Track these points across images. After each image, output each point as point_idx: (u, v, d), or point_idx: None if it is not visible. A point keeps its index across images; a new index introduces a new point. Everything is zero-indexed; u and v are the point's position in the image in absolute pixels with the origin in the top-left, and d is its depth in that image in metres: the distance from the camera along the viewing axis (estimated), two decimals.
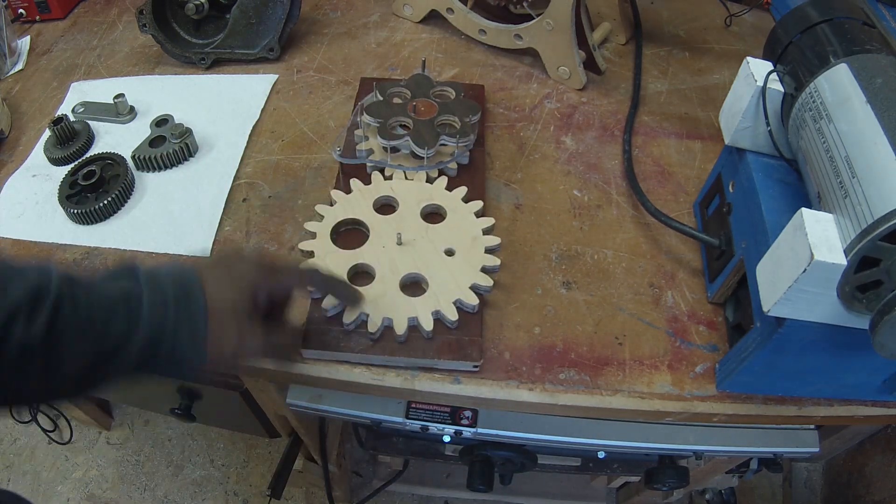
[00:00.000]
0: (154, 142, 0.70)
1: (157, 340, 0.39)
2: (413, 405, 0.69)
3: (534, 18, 0.77)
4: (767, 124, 0.50)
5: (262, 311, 0.45)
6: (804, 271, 0.38)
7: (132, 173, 0.68)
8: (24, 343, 0.35)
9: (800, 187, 0.50)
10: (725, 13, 0.91)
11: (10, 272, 0.37)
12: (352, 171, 0.66)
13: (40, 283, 0.37)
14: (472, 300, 0.55)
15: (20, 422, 1.39)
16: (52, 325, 0.36)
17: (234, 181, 0.69)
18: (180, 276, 0.42)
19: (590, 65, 0.80)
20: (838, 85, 0.44)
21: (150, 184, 0.68)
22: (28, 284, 0.36)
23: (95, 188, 0.65)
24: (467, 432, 0.68)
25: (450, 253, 0.58)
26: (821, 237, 0.38)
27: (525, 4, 0.79)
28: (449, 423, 0.67)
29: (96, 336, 0.38)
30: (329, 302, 0.54)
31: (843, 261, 0.37)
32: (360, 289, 0.55)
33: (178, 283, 0.42)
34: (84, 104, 0.76)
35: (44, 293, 0.36)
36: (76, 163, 0.68)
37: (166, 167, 0.69)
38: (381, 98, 0.69)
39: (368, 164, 0.66)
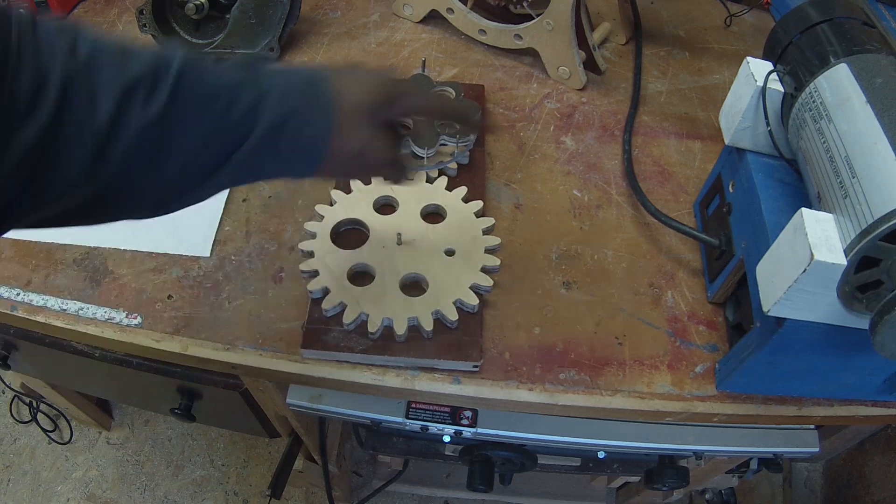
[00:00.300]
0: None
1: (281, 126, 0.37)
2: (413, 405, 0.69)
3: (534, 18, 0.77)
4: (767, 124, 0.50)
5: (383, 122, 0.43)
6: (804, 271, 0.38)
7: None
8: (142, 122, 0.33)
9: (800, 187, 0.50)
10: (725, 13, 0.91)
11: (132, 50, 0.34)
12: None
13: (162, 59, 0.34)
14: (472, 300, 0.55)
15: (20, 422, 1.39)
16: (173, 101, 0.34)
17: None
18: (309, 69, 0.41)
19: (590, 65, 0.80)
20: (838, 85, 0.44)
21: None
22: (149, 59, 0.34)
23: None
24: (467, 432, 0.68)
25: (450, 253, 0.58)
26: (821, 237, 0.38)
27: (525, 4, 0.79)
28: (449, 423, 0.67)
29: (219, 114, 0.35)
30: (329, 303, 0.54)
31: (843, 261, 0.37)
32: (360, 289, 0.55)
33: (306, 74, 0.40)
34: None
35: (165, 68, 0.34)
36: None
37: None
38: None
39: None
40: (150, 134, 0.33)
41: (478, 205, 0.62)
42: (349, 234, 0.61)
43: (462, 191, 0.63)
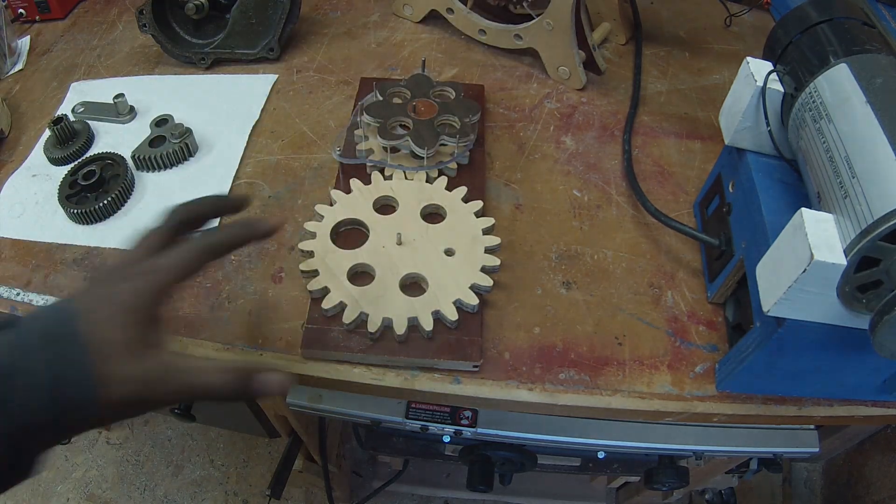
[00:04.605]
0: (154, 142, 0.70)
1: (49, 395, 0.33)
2: (413, 405, 0.68)
3: (534, 18, 0.77)
4: (767, 124, 0.50)
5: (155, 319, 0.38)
6: (804, 271, 0.38)
7: (132, 173, 0.68)
8: None
9: (800, 187, 0.50)
10: (725, 13, 0.91)
11: None
12: (352, 171, 0.66)
13: None
14: (472, 300, 0.55)
15: None
16: None
17: (233, 181, 0.69)
18: (51, 312, 0.36)
19: (590, 65, 0.80)
20: (838, 85, 0.44)
21: (149, 184, 0.68)
22: None
23: (95, 188, 0.65)
24: (467, 432, 0.68)
25: (450, 253, 0.58)
26: (821, 237, 0.38)
27: (525, 4, 0.79)
28: (449, 423, 0.67)
29: None
30: (329, 302, 0.54)
31: (843, 261, 0.37)
32: (360, 289, 0.55)
33: (48, 324, 0.35)
34: (84, 104, 0.76)
35: None
36: (76, 163, 0.68)
37: (166, 167, 0.69)
38: (381, 98, 0.69)
39: (368, 164, 0.66)
40: None
41: (478, 205, 0.62)
42: (349, 234, 0.61)
43: (462, 191, 0.63)
